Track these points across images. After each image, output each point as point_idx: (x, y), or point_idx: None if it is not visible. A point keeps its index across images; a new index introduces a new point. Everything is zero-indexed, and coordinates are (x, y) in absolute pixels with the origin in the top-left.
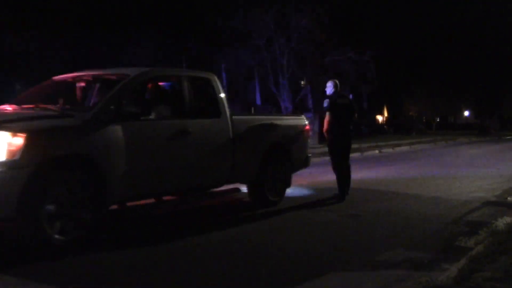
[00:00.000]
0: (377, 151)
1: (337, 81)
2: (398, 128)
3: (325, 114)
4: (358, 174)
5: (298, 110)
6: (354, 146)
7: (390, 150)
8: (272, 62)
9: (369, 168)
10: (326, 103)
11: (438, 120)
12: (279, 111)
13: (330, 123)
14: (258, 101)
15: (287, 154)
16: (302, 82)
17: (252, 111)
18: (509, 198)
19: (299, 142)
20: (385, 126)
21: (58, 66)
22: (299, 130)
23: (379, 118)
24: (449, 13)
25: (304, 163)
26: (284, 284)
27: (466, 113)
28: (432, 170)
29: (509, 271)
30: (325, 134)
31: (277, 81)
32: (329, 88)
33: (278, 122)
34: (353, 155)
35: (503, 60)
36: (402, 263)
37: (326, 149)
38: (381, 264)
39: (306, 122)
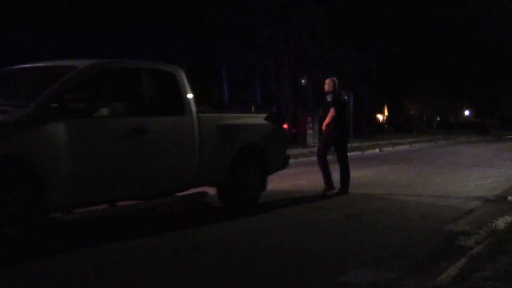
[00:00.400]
0: (377, 150)
1: (335, 79)
2: (398, 127)
3: (327, 110)
4: (358, 173)
5: (299, 108)
6: (354, 144)
7: (390, 149)
8: (273, 60)
9: (370, 166)
10: (330, 98)
11: (438, 119)
12: (280, 110)
13: (334, 118)
14: (259, 100)
15: (262, 154)
16: (303, 81)
17: (253, 109)
18: (509, 198)
19: (276, 142)
20: (385, 125)
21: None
22: (276, 129)
23: (380, 117)
24: (449, 12)
25: (282, 164)
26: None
27: (467, 112)
28: (432, 169)
29: (509, 271)
30: (324, 128)
31: (278, 79)
32: (328, 85)
33: (252, 120)
34: (353, 154)
35: (504, 60)
36: (402, 262)
37: None
38: (382, 264)
39: (284, 120)
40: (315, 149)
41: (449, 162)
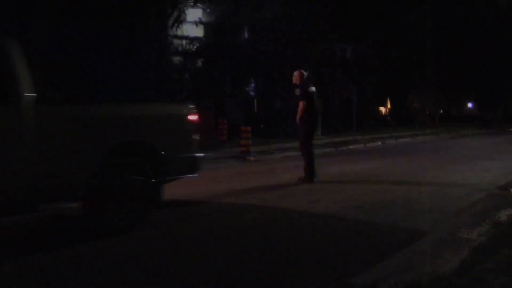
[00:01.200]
0: (380, 143)
1: (303, 71)
2: (401, 120)
3: (297, 103)
4: (361, 166)
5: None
6: (357, 137)
7: (393, 141)
8: (276, 54)
9: (372, 159)
10: (299, 91)
11: (441, 112)
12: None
13: (306, 110)
14: (262, 93)
15: (154, 156)
16: (305, 73)
17: (255, 103)
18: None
19: (176, 139)
20: (388, 118)
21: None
22: (177, 123)
23: (382, 109)
24: (451, 5)
25: (189, 167)
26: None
27: (470, 105)
28: (435, 162)
29: None
30: (298, 122)
31: (280, 72)
32: (295, 78)
33: (136, 111)
34: (356, 147)
35: (507, 53)
36: (406, 254)
37: (328, 140)
38: (383, 255)
39: (191, 111)
40: (317, 142)
41: (451, 155)
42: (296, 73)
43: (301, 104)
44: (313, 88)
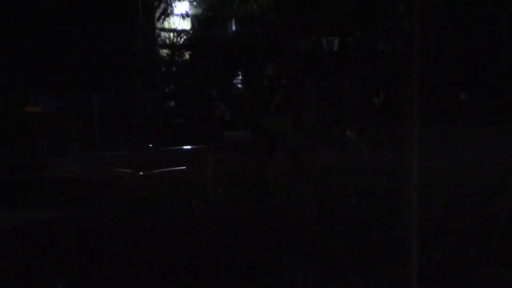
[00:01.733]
0: (373, 133)
1: (276, 64)
2: (395, 111)
3: (274, 94)
4: (351, 157)
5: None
6: (348, 128)
7: (386, 132)
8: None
9: (363, 150)
10: (276, 82)
11: (435, 104)
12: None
13: (280, 102)
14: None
15: None
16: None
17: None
18: (502, 181)
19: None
20: (381, 109)
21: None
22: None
23: (376, 101)
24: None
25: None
26: None
27: (463, 96)
28: (426, 153)
29: (501, 254)
30: (272, 111)
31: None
32: (269, 69)
33: None
34: (347, 138)
35: (501, 42)
36: (393, 245)
37: (319, 131)
38: (372, 247)
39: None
40: (308, 133)
41: (444, 146)
42: (269, 65)
43: (279, 93)
44: (286, 82)
